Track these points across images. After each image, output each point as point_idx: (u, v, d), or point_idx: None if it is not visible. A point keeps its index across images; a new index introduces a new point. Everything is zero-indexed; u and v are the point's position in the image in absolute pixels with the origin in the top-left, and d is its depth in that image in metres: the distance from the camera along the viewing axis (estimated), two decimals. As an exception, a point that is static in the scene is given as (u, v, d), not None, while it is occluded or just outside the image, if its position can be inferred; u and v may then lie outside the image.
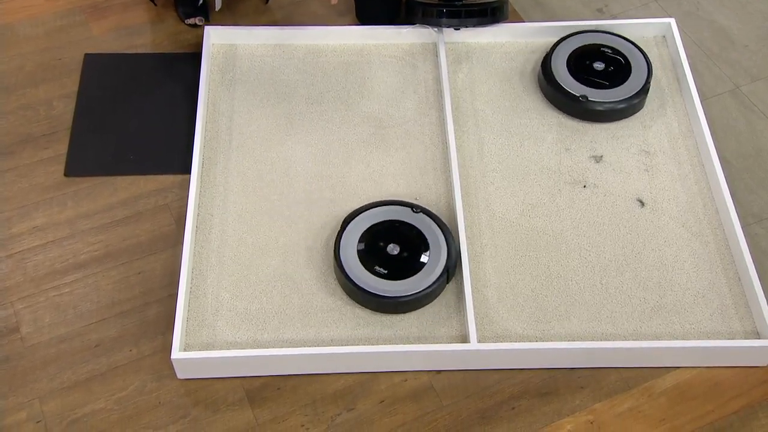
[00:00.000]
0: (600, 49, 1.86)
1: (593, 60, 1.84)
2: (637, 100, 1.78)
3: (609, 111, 1.77)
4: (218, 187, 1.69)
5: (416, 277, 1.50)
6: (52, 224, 1.64)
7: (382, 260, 1.52)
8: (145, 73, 1.89)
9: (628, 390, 1.45)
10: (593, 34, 1.90)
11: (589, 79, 1.80)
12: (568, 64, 1.83)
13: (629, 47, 1.87)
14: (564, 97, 1.79)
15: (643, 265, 1.58)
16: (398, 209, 1.59)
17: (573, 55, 1.85)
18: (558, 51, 1.86)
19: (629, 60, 1.84)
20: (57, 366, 1.46)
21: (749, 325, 1.50)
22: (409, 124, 1.80)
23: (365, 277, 1.50)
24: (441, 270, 1.50)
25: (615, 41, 1.88)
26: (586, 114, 1.78)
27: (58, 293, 1.55)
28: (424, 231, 1.56)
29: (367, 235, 1.55)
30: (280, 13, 2.04)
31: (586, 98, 1.72)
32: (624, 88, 1.78)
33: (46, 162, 1.73)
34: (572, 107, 1.79)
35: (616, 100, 1.77)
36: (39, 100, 1.84)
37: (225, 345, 1.47)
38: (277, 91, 1.85)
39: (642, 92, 1.78)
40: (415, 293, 1.48)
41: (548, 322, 1.51)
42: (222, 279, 1.56)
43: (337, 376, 1.46)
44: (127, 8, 2.02)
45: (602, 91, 1.78)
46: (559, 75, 1.81)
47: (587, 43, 1.88)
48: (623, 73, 1.81)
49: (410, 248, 1.54)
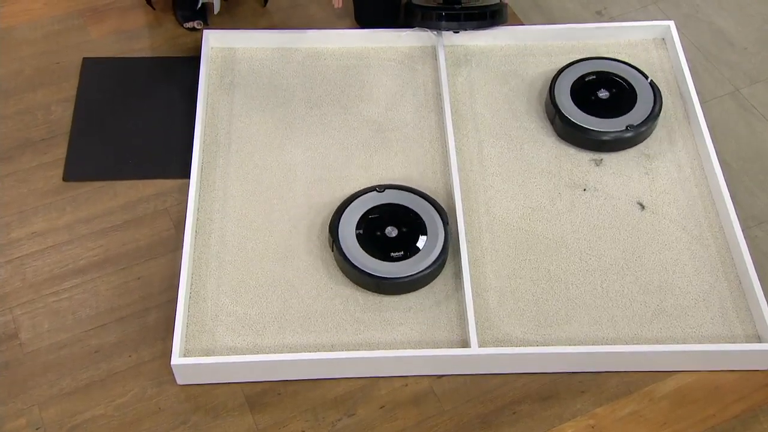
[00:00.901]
0: (607, 77, 1.80)
1: (598, 89, 1.79)
2: (645, 128, 1.73)
3: (615, 140, 1.72)
4: (217, 192, 1.68)
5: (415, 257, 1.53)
6: (50, 229, 1.63)
7: (380, 242, 1.55)
8: (144, 77, 1.89)
9: (629, 394, 1.45)
10: (597, 62, 1.84)
11: (594, 108, 1.75)
12: (572, 94, 1.77)
13: (634, 74, 1.81)
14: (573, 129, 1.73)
15: (643, 269, 1.58)
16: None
17: (577, 84, 1.79)
18: (561, 80, 1.80)
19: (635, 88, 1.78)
20: (56, 372, 1.45)
21: (750, 329, 1.50)
22: (409, 128, 1.80)
23: (364, 258, 1.52)
24: (440, 248, 1.53)
25: (621, 69, 1.82)
26: (593, 144, 1.73)
27: (57, 299, 1.54)
28: (420, 213, 1.59)
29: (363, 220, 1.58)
30: (279, 16, 2.03)
31: (632, 125, 1.68)
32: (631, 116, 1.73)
33: (45, 167, 1.73)
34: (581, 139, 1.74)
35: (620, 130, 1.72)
36: (37, 104, 1.83)
37: (225, 350, 1.47)
38: (276, 94, 1.85)
39: (650, 119, 1.73)
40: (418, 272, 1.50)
41: (549, 327, 1.50)
42: (222, 284, 1.55)
43: (337, 381, 1.45)
44: (125, 12, 2.02)
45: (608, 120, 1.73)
46: (564, 107, 1.75)
47: (593, 71, 1.82)
48: (629, 101, 1.76)
49: (408, 230, 1.56)
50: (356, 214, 1.58)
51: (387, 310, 1.52)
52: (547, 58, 1.93)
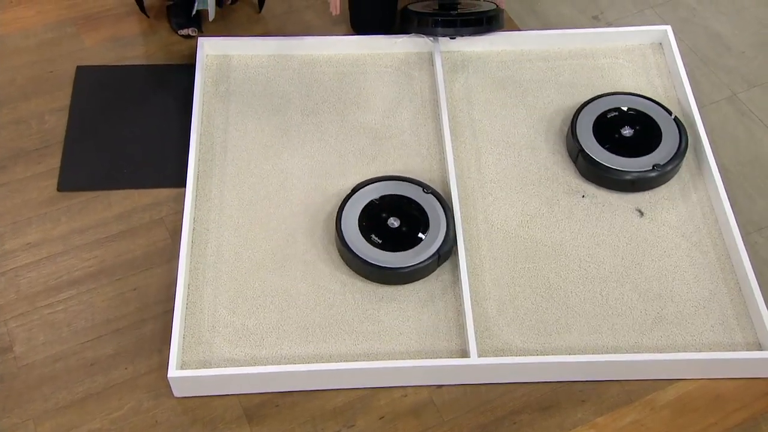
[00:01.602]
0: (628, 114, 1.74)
1: (621, 126, 1.72)
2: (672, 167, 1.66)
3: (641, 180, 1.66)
4: (214, 201, 1.67)
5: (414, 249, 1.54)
6: (45, 240, 1.62)
7: (382, 232, 1.56)
8: (139, 86, 1.87)
9: (630, 403, 1.44)
10: (619, 97, 1.78)
11: (618, 147, 1.68)
12: (594, 131, 1.71)
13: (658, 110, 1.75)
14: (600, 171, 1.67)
15: (643, 276, 1.57)
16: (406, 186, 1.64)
17: (599, 122, 1.73)
18: (583, 116, 1.74)
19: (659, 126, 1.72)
20: (52, 385, 1.43)
21: (751, 336, 1.49)
22: (406, 135, 1.79)
23: (363, 245, 1.53)
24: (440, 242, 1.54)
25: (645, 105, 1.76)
26: (620, 185, 1.67)
27: (53, 311, 1.52)
28: (426, 209, 1.60)
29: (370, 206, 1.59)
30: (274, 22, 2.02)
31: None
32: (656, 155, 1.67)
33: (39, 177, 1.71)
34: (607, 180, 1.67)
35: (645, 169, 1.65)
36: (31, 113, 1.82)
37: (222, 362, 1.45)
38: (272, 102, 1.83)
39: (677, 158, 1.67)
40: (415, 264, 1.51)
41: (549, 335, 1.49)
42: (218, 294, 1.54)
43: (336, 392, 1.44)
44: (119, 19, 2.00)
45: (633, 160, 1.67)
46: (589, 148, 1.68)
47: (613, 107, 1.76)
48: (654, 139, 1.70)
49: (410, 223, 1.57)
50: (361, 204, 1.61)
51: (386, 320, 1.51)
52: (544, 63, 1.93)
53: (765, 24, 2.07)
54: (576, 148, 1.70)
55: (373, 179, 1.64)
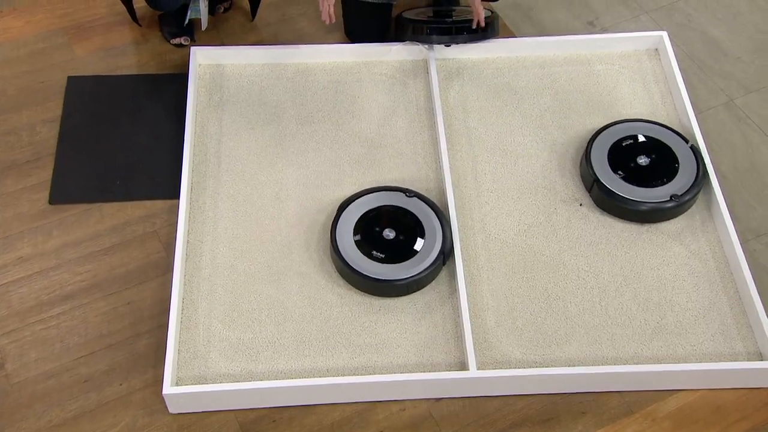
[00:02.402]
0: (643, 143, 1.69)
1: (637, 154, 1.66)
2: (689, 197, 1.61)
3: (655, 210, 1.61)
4: (208, 213, 1.65)
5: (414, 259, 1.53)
6: (37, 254, 1.59)
7: (378, 244, 1.54)
8: (131, 96, 1.85)
9: (630, 414, 1.42)
10: (633, 125, 1.72)
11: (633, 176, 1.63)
12: (609, 160, 1.65)
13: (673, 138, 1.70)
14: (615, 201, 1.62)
15: (642, 286, 1.56)
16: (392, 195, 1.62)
17: (614, 150, 1.67)
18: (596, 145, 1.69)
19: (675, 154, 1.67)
20: (44, 403, 1.41)
21: (752, 346, 1.48)
22: (401, 144, 1.77)
23: (361, 260, 1.52)
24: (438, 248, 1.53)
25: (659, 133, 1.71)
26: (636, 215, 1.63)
27: (45, 326, 1.50)
28: (419, 216, 1.59)
29: (362, 221, 1.58)
30: (268, 31, 2.00)
31: (677, 196, 1.56)
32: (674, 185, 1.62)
33: (30, 190, 1.69)
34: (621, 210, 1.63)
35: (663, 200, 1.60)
36: (21, 125, 1.79)
37: (218, 377, 1.43)
38: (266, 111, 1.82)
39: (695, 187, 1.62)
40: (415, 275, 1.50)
41: (548, 346, 1.48)
42: (213, 308, 1.52)
43: (333, 407, 1.42)
44: (110, 28, 1.98)
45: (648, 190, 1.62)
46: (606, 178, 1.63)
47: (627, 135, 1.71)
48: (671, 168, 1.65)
49: (405, 233, 1.56)
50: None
51: (383, 333, 1.49)
52: (539, 70, 1.91)
53: (761, 29, 2.06)
54: (591, 178, 1.64)
55: (355, 195, 1.61)
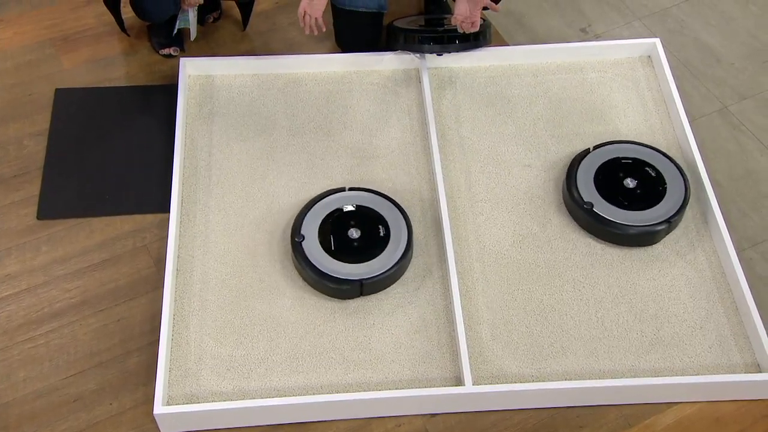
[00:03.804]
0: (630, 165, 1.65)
1: (623, 177, 1.63)
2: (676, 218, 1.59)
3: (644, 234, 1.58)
4: (199, 226, 1.63)
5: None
6: (25, 271, 1.57)
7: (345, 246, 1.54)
8: (120, 108, 1.83)
9: (628, 428, 1.41)
10: (618, 146, 1.69)
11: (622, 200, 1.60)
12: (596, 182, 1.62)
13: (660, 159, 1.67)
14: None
15: (638, 297, 1.54)
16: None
17: (600, 174, 1.64)
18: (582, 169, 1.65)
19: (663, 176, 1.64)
20: (33, 424, 1.39)
21: (749, 357, 1.46)
22: (394, 155, 1.75)
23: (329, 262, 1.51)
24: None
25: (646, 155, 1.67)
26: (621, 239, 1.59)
27: (33, 345, 1.48)
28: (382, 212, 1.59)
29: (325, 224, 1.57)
30: (258, 40, 1.98)
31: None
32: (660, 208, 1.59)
33: (18, 205, 1.66)
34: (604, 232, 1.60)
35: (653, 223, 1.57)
36: (9, 138, 1.77)
37: (210, 395, 1.41)
38: (257, 123, 1.80)
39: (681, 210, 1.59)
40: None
41: (544, 360, 1.46)
42: (205, 324, 1.50)
43: (328, 424, 1.40)
44: (98, 39, 1.96)
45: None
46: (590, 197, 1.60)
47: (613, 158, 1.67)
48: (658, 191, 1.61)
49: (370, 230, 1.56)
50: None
51: (377, 348, 1.47)
52: (532, 78, 1.90)
53: (754, 35, 2.06)
54: (573, 204, 1.61)
55: (301, 213, 1.58)
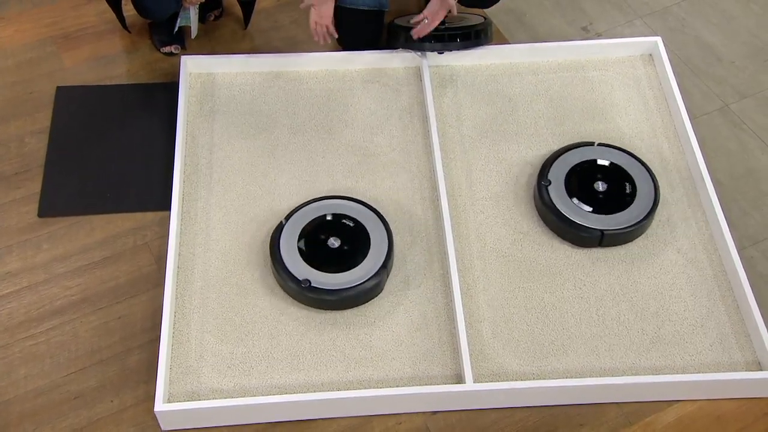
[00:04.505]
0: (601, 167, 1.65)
1: (593, 180, 1.62)
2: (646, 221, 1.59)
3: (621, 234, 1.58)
4: (200, 224, 1.63)
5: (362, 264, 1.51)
6: (26, 269, 1.57)
7: (325, 255, 1.53)
8: (121, 105, 1.83)
9: (629, 426, 1.41)
10: (587, 150, 1.68)
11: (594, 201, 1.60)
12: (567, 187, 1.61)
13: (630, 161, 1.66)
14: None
15: (639, 295, 1.54)
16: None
17: (570, 176, 1.63)
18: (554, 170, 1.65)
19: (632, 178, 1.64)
20: (34, 422, 1.39)
21: (750, 355, 1.46)
22: (395, 153, 1.75)
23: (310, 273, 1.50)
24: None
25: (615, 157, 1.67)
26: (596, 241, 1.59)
27: (34, 342, 1.48)
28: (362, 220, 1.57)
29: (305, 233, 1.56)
30: (260, 38, 1.98)
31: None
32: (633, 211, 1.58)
33: (19, 202, 1.66)
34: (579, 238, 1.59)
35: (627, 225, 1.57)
36: (10, 136, 1.77)
37: (210, 392, 1.41)
38: (258, 121, 1.80)
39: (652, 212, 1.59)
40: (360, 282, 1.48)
41: (545, 358, 1.46)
42: (206, 322, 1.50)
43: (329, 421, 1.40)
44: (100, 37, 1.96)
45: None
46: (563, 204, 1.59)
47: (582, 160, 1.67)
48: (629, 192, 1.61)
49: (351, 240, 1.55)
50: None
51: (378, 345, 1.47)
52: (533, 76, 1.90)
53: (755, 33, 2.05)
54: (544, 207, 1.60)
55: (276, 230, 1.55)
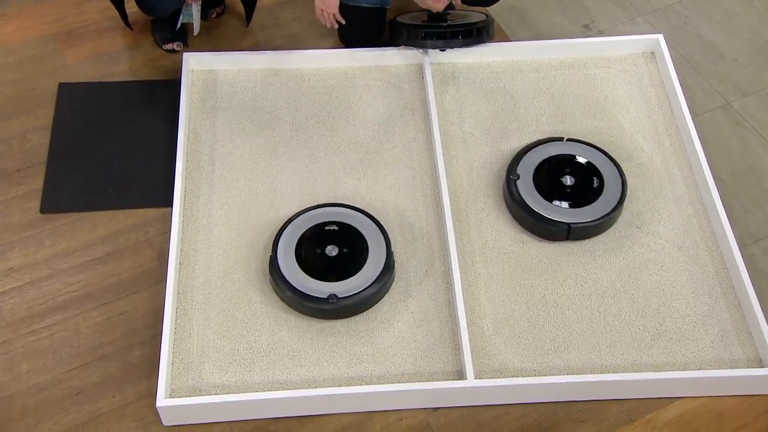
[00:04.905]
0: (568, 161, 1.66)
1: (561, 174, 1.63)
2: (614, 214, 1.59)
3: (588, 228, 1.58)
4: (201, 221, 1.63)
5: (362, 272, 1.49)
6: (28, 265, 1.57)
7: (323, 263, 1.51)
8: (123, 102, 1.83)
9: (630, 422, 1.41)
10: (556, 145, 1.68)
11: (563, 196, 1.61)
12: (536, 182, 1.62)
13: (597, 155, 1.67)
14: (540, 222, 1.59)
15: (640, 292, 1.54)
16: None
17: (539, 172, 1.64)
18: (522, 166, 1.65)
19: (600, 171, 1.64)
20: (36, 416, 1.39)
21: (752, 352, 1.46)
22: (397, 150, 1.76)
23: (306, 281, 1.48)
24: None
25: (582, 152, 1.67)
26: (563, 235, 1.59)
27: (36, 338, 1.48)
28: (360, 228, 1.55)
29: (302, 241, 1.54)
30: (261, 36, 1.98)
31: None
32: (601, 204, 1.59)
33: (21, 198, 1.66)
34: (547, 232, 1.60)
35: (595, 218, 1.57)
36: (12, 133, 1.77)
37: (212, 388, 1.41)
38: (260, 117, 1.80)
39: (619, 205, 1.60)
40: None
41: (546, 354, 1.46)
42: (208, 318, 1.50)
43: (330, 417, 1.41)
44: (102, 34, 1.96)
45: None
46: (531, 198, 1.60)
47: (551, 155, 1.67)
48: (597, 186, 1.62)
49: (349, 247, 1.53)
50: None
51: (379, 342, 1.47)
52: (535, 74, 1.90)
53: (757, 31, 2.05)
54: (513, 202, 1.60)
55: (275, 240, 1.54)
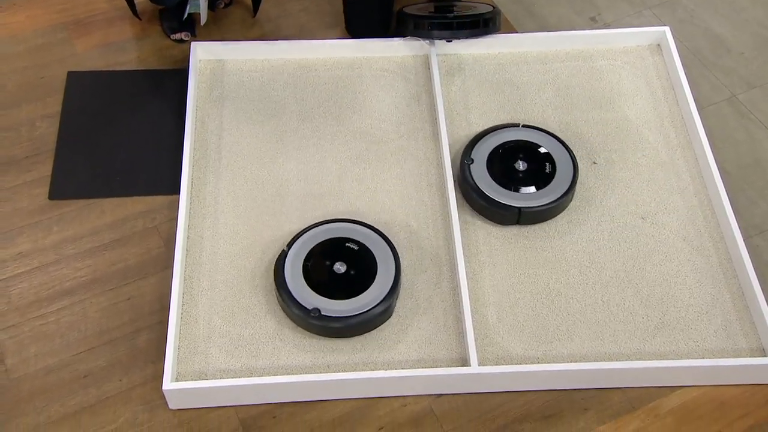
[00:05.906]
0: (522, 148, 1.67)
1: (514, 160, 1.65)
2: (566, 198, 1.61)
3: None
4: (208, 208, 1.64)
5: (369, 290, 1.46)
6: (36, 250, 1.59)
7: (330, 279, 1.48)
8: (131, 91, 1.84)
9: (633, 411, 1.42)
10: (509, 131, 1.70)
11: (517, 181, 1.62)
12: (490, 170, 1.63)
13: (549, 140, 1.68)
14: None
15: (644, 282, 1.55)
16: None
17: (493, 158, 1.66)
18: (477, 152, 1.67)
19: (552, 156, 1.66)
20: (44, 398, 1.41)
21: (755, 342, 1.47)
22: (403, 140, 1.76)
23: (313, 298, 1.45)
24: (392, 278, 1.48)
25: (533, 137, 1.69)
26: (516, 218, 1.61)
27: (44, 322, 1.50)
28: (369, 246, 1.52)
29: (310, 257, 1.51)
30: (269, 26, 1.99)
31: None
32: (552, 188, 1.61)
33: (30, 185, 1.68)
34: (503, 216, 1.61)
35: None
36: (21, 120, 1.79)
37: (218, 372, 1.43)
38: (267, 107, 1.81)
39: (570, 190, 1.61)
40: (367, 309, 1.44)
41: (550, 342, 1.47)
42: (214, 304, 1.51)
43: (334, 403, 1.42)
44: (111, 24, 1.97)
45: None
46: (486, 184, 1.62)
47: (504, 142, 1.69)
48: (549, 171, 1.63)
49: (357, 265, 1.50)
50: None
51: (384, 329, 1.48)
52: (541, 65, 1.91)
53: (764, 24, 2.05)
54: (468, 187, 1.61)
55: (281, 257, 1.51)
